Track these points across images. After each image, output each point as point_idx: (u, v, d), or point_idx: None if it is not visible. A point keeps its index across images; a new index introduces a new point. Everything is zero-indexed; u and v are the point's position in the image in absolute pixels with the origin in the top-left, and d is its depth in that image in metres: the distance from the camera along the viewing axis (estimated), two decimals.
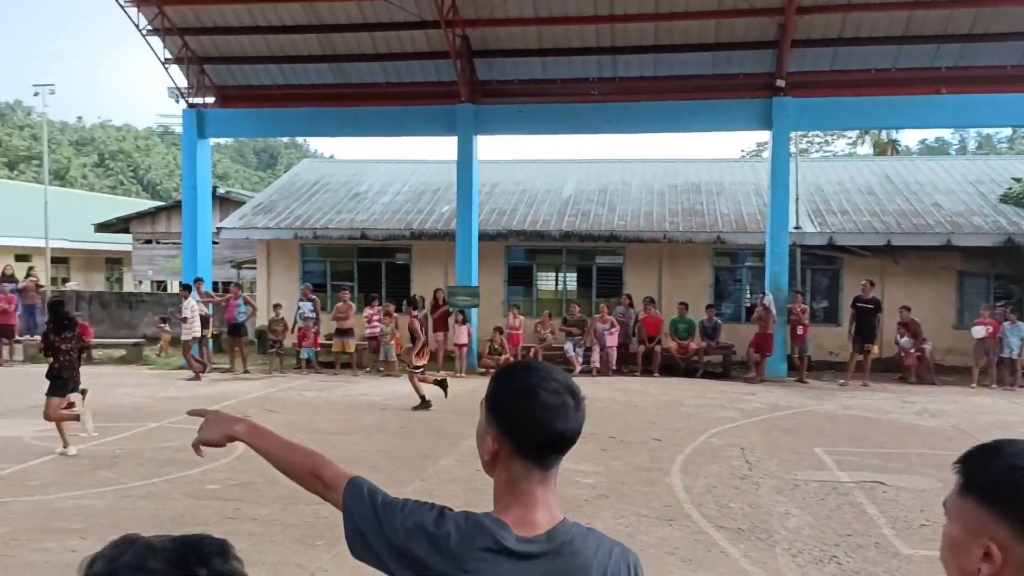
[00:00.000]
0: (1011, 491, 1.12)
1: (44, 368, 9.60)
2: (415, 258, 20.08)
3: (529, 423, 1.54)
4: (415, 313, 13.08)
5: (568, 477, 7.76)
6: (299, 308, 17.16)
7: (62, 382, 9.26)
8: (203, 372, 16.05)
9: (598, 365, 16.75)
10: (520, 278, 20.03)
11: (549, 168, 23.41)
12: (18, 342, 18.20)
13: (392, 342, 16.66)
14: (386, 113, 17.81)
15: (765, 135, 17.97)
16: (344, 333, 17.15)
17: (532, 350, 17.07)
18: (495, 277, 19.25)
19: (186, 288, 16.68)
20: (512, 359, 15.87)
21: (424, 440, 10.37)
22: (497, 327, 17.37)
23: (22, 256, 28.03)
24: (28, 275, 20.46)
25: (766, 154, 20.05)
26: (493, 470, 1.61)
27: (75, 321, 9.84)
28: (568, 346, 17.07)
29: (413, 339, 12.82)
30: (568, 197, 20.77)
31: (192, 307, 16.12)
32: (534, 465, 1.56)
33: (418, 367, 12.69)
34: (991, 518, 1.13)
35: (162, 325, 19.43)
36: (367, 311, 17.52)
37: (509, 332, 17.30)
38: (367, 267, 20.43)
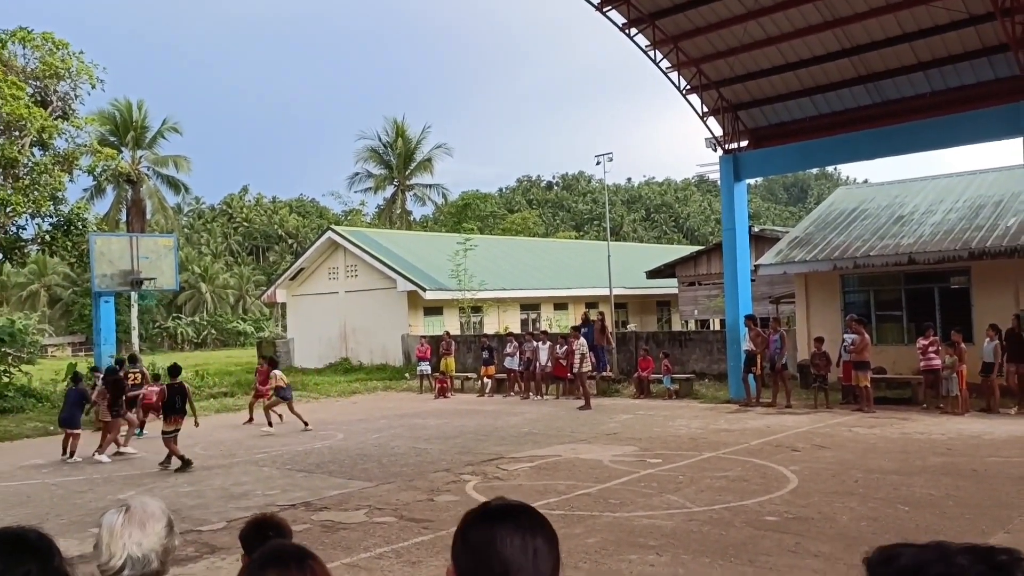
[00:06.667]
0: None
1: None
2: (975, 281, 17.82)
3: None
4: None
5: None
6: (844, 341, 16.53)
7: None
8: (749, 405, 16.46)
9: None
10: None
11: None
12: (592, 378, 20.87)
13: (954, 376, 14.96)
14: (934, 125, 16.36)
15: None
16: (860, 366, 15.98)
17: None
18: None
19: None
20: None
21: (1006, 487, 9.05)
22: None
23: (591, 303, 32.43)
24: (594, 318, 23.42)
25: None
26: None
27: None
28: None
29: None
30: None
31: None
32: None
33: None
34: None
35: None
36: (920, 341, 16.05)
37: None
38: (917, 294, 18.81)
